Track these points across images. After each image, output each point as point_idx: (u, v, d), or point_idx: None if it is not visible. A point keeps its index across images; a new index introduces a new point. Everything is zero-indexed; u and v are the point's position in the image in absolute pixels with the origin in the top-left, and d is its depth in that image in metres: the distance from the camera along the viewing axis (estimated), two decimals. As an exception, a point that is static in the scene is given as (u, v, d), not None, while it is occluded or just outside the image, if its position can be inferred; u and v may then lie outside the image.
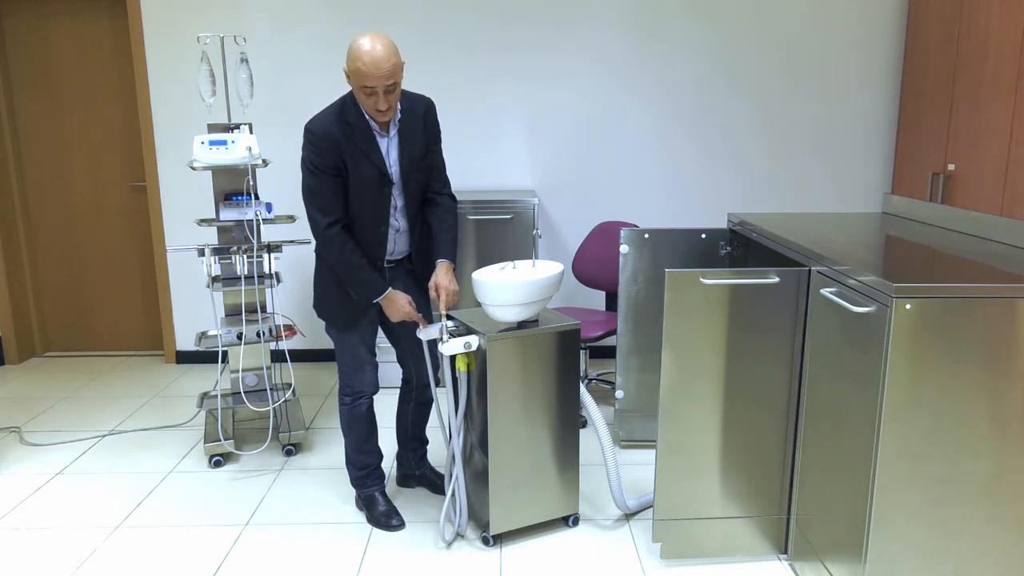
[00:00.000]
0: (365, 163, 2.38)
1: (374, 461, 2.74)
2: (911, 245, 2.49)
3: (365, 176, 2.39)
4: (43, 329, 4.63)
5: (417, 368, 2.78)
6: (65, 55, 4.28)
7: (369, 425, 2.69)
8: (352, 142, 2.35)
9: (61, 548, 2.56)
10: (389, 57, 2.22)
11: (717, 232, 3.12)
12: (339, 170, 2.37)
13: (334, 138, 2.33)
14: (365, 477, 2.74)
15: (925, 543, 1.96)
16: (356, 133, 2.36)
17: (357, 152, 2.36)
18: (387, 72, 2.21)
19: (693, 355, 2.31)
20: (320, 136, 2.34)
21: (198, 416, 3.67)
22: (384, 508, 2.70)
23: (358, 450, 2.71)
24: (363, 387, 2.63)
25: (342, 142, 2.34)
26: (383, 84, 2.23)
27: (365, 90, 2.25)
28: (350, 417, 2.66)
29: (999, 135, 3.07)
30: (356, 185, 2.40)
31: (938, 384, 1.87)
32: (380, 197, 2.44)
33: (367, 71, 2.20)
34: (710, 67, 4.17)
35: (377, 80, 2.22)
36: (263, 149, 4.23)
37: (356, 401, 2.64)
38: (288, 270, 4.36)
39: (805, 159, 4.28)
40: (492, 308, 2.44)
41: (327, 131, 2.34)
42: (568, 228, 4.36)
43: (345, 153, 2.35)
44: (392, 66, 2.22)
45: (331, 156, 2.34)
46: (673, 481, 2.39)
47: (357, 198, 2.42)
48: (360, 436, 2.69)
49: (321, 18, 4.10)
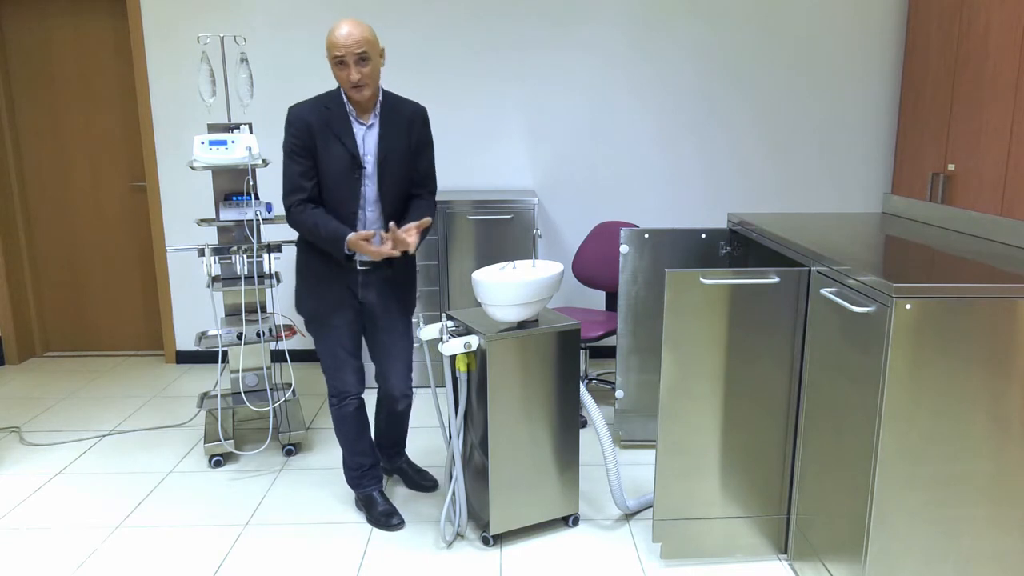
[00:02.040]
0: (336, 145, 2.44)
1: (367, 461, 2.74)
2: (911, 245, 2.49)
3: (335, 158, 2.45)
4: (43, 329, 4.63)
5: (385, 377, 2.73)
6: (65, 55, 4.28)
7: (359, 426, 2.69)
8: (326, 125, 2.44)
9: (61, 548, 2.56)
10: (360, 30, 2.34)
11: (717, 232, 3.12)
12: (309, 152, 2.45)
13: (307, 120, 2.43)
14: (360, 477, 2.75)
15: (925, 543, 1.96)
16: (332, 117, 2.45)
17: (330, 135, 2.44)
18: (356, 41, 2.32)
19: (693, 355, 2.31)
20: (294, 117, 2.44)
21: (198, 416, 3.67)
22: (383, 508, 2.71)
23: (351, 451, 2.73)
24: (346, 387, 2.64)
25: (314, 124, 2.43)
26: (352, 53, 2.32)
27: (336, 60, 2.35)
28: (338, 418, 2.68)
29: (999, 135, 3.07)
30: (327, 167, 2.46)
31: (938, 384, 1.87)
32: (350, 182, 2.47)
33: (336, 40, 2.32)
34: (710, 67, 4.17)
35: (345, 48, 2.32)
36: (263, 149, 4.23)
37: (342, 402, 2.66)
38: (288, 270, 4.36)
39: (805, 159, 4.28)
40: (492, 308, 2.44)
41: (302, 113, 2.44)
42: (568, 228, 4.36)
43: (317, 136, 2.43)
44: (361, 37, 2.33)
45: (302, 137, 2.43)
46: (673, 481, 2.39)
47: (330, 182, 2.47)
48: (350, 437, 2.70)
49: (321, 18, 4.10)
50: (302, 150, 2.44)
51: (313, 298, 2.60)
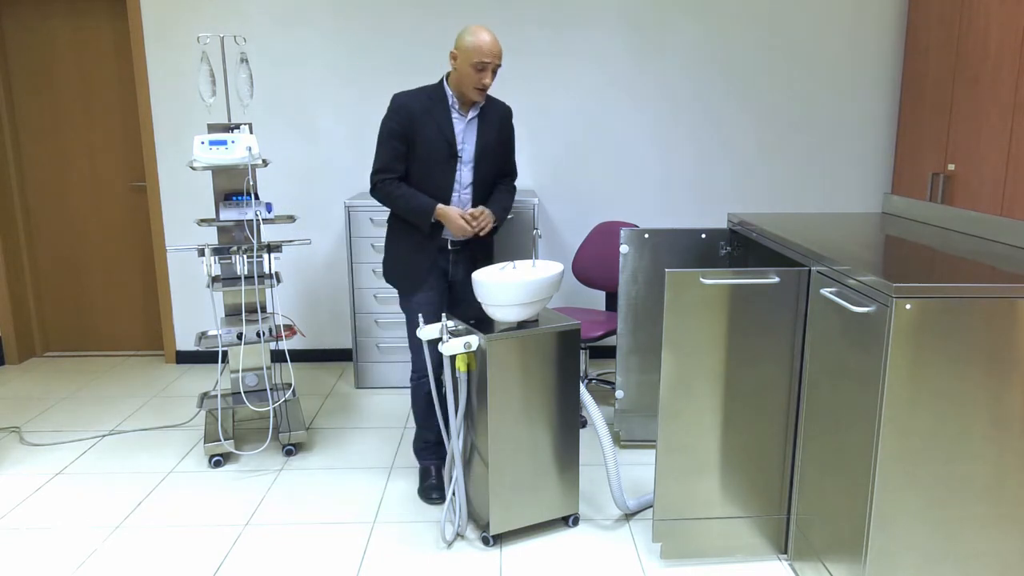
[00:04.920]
0: (436, 134, 2.64)
1: (432, 437, 2.92)
2: (911, 245, 2.49)
3: (433, 145, 2.64)
4: (43, 329, 4.63)
5: None
6: (65, 55, 4.28)
7: (428, 404, 2.85)
8: (428, 113, 2.63)
9: (61, 548, 2.56)
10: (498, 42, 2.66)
11: (717, 232, 3.12)
12: (406, 138, 2.63)
13: (410, 108, 2.62)
14: (422, 450, 2.95)
15: (925, 543, 1.96)
16: (434, 107, 2.64)
17: (431, 122, 2.63)
18: (499, 52, 2.58)
19: (693, 355, 2.31)
20: (398, 104, 2.64)
21: (198, 416, 3.67)
22: (430, 482, 2.87)
23: (419, 424, 2.92)
24: (423, 368, 2.78)
25: (416, 112, 2.62)
26: (495, 61, 2.56)
27: (478, 64, 2.54)
28: (414, 393, 2.87)
29: (999, 135, 3.07)
30: (424, 154, 2.65)
31: (938, 384, 1.87)
32: (447, 169, 2.68)
33: (486, 47, 2.54)
34: (710, 67, 4.17)
35: (492, 56, 2.54)
36: (263, 149, 4.23)
37: (419, 380, 2.84)
38: (288, 270, 4.36)
39: (805, 159, 4.28)
40: (492, 308, 2.44)
41: (405, 101, 2.64)
42: (568, 228, 4.36)
43: (417, 123, 2.62)
44: (500, 50, 2.58)
45: (403, 123, 2.62)
46: (673, 481, 2.39)
47: (424, 168, 2.67)
48: (420, 412, 2.89)
49: (321, 18, 4.10)
50: (400, 135, 2.63)
51: (403, 276, 2.80)
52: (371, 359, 4.01)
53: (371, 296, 3.93)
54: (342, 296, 4.40)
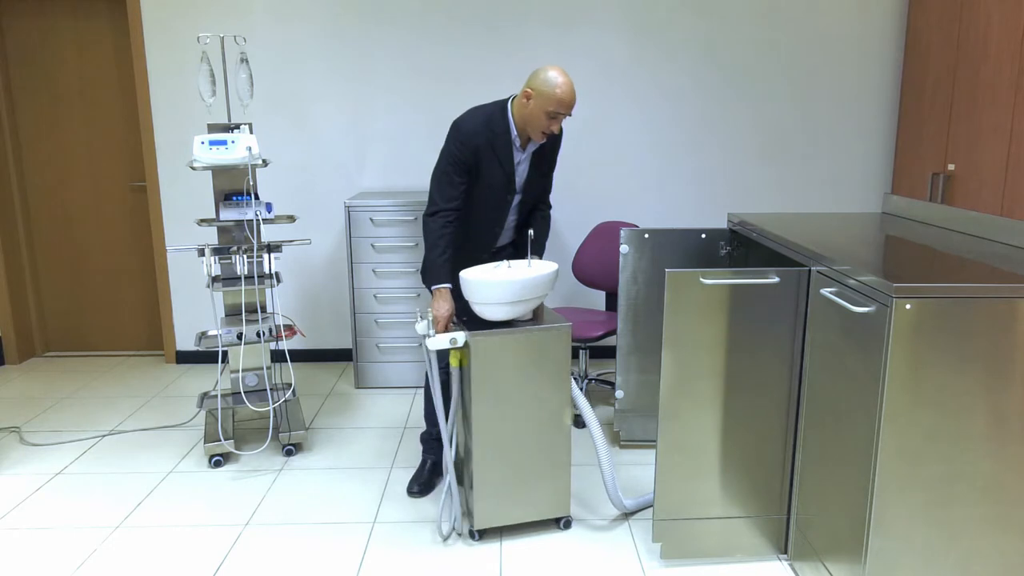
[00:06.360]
0: (497, 169, 2.60)
1: (436, 432, 2.95)
2: (911, 245, 2.49)
3: (494, 180, 2.61)
4: (43, 329, 4.63)
5: None
6: (65, 55, 4.28)
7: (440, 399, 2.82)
8: (491, 148, 2.58)
9: (61, 548, 2.56)
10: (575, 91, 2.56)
11: (717, 232, 3.12)
12: (470, 169, 2.59)
13: (477, 141, 2.56)
14: (426, 440, 2.99)
15: (925, 543, 1.96)
16: (498, 141, 2.59)
17: (494, 158, 2.59)
18: (574, 104, 2.52)
19: (693, 355, 2.31)
20: (466, 135, 2.56)
21: (198, 416, 3.67)
22: (417, 473, 2.94)
23: (428, 420, 2.96)
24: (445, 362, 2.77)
25: (482, 146, 2.57)
26: (569, 113, 2.51)
27: (551, 113, 2.47)
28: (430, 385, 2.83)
29: (999, 135, 3.07)
30: (483, 187, 2.62)
31: (938, 384, 1.87)
32: (502, 202, 2.68)
33: (565, 99, 2.46)
34: (710, 67, 4.17)
35: (568, 108, 2.48)
36: (263, 149, 4.23)
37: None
38: (288, 270, 4.36)
39: (805, 159, 4.28)
40: (478, 306, 2.46)
41: (474, 133, 2.56)
42: (568, 228, 4.36)
43: (482, 158, 2.58)
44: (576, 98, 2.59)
45: (468, 155, 2.56)
46: (673, 481, 2.39)
47: (481, 199, 2.64)
48: (430, 406, 2.91)
49: (321, 18, 4.10)
50: (463, 169, 2.58)
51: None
52: (371, 359, 4.01)
53: (371, 296, 3.94)
54: (342, 296, 4.40)
